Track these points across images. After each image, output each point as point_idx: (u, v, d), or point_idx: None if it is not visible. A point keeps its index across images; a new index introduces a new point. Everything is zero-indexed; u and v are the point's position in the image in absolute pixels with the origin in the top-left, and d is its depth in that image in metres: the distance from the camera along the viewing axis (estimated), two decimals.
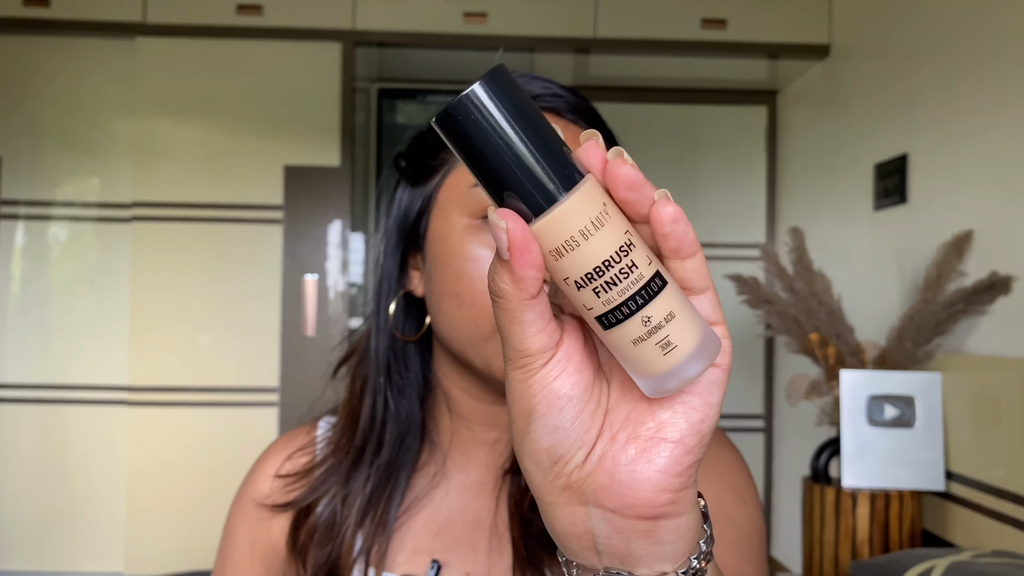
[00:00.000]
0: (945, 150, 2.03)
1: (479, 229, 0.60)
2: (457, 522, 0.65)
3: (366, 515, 0.64)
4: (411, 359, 0.68)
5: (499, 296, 0.34)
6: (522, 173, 0.33)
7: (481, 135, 0.32)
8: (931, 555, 1.49)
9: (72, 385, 2.81)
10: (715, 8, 2.76)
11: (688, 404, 0.36)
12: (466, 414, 0.66)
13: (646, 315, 0.34)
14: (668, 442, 0.36)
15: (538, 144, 0.33)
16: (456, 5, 2.72)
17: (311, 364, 2.73)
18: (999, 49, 1.83)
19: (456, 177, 0.62)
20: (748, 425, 3.21)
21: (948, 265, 1.86)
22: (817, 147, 2.85)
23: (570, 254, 0.33)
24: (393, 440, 0.66)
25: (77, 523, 2.78)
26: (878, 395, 1.88)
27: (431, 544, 0.64)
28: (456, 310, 0.61)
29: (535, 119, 0.33)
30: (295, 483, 0.68)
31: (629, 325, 0.34)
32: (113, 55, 2.79)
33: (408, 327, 0.68)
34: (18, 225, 2.81)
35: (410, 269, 0.68)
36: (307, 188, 2.73)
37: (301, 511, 0.66)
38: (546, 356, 0.35)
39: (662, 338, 0.34)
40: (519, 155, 0.32)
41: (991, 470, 1.75)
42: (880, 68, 2.38)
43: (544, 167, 0.33)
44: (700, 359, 0.35)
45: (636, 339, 0.34)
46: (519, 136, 0.32)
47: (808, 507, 1.94)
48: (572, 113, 0.63)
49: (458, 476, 0.66)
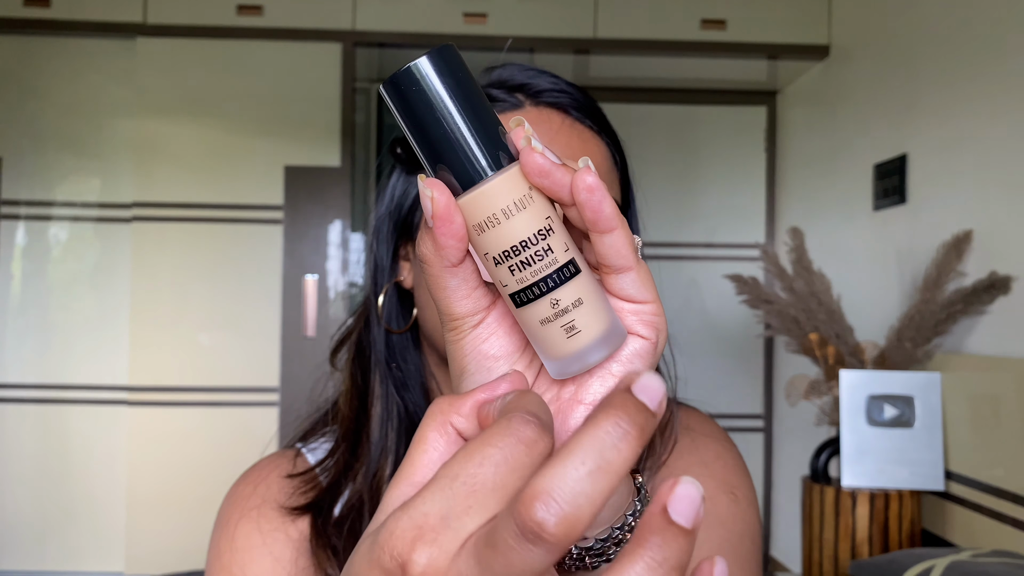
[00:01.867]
0: (944, 150, 2.04)
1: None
2: None
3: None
4: (409, 351, 0.67)
5: (424, 262, 0.36)
6: (456, 147, 0.34)
7: (422, 106, 0.34)
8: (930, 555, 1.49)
9: (72, 385, 2.81)
10: (715, 9, 2.76)
11: (609, 371, 0.37)
12: None
13: (555, 298, 0.35)
14: (582, 404, 0.37)
15: (474, 122, 0.34)
16: (456, 5, 2.73)
17: (311, 364, 2.73)
18: (998, 50, 1.84)
19: None
20: (748, 425, 3.21)
21: (947, 265, 1.86)
22: (816, 147, 2.86)
23: (491, 230, 0.34)
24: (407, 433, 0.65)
25: (77, 523, 2.79)
26: (877, 395, 1.88)
27: None
28: None
29: (476, 100, 0.34)
30: (308, 484, 0.65)
31: (539, 306, 0.35)
32: (114, 55, 2.79)
33: (400, 319, 0.67)
34: (19, 225, 2.82)
35: (401, 260, 0.67)
36: (307, 188, 2.74)
37: (322, 511, 0.64)
38: (475, 320, 0.37)
39: (567, 322, 0.35)
40: (455, 130, 0.34)
41: (990, 470, 1.76)
42: (879, 69, 2.38)
43: (477, 145, 0.34)
44: (603, 347, 0.36)
45: (543, 319, 0.35)
46: (458, 112, 0.34)
47: (808, 507, 1.94)
48: (577, 110, 0.63)
49: None
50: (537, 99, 0.63)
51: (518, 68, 0.65)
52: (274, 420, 2.70)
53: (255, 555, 0.64)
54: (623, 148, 0.67)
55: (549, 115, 0.62)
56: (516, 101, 0.63)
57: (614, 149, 0.65)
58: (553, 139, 0.60)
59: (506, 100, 0.63)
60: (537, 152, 0.34)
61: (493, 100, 0.63)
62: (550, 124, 0.61)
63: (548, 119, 0.61)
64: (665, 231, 3.25)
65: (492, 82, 0.65)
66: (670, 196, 3.24)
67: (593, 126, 0.63)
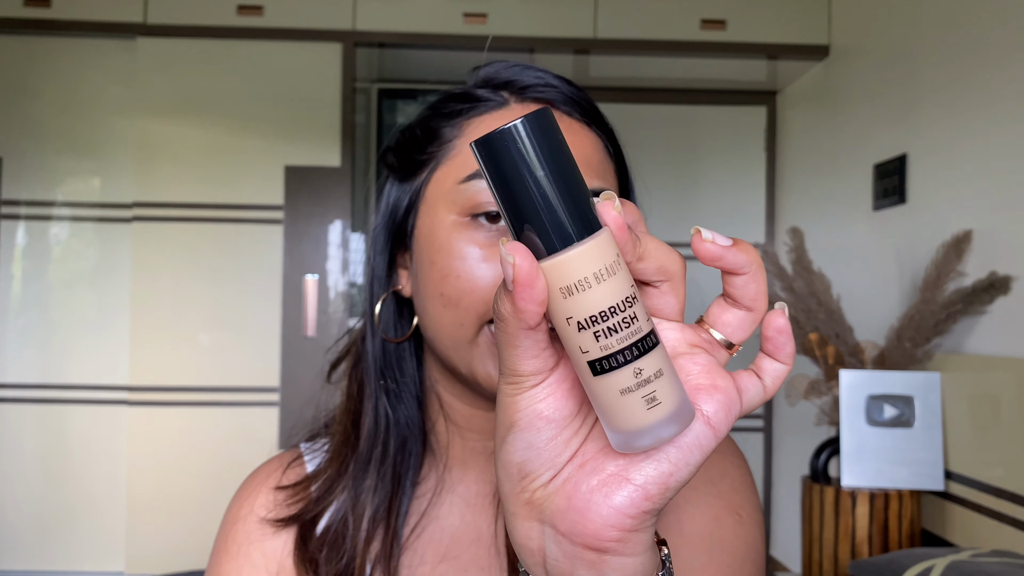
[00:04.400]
0: (944, 150, 2.04)
1: (467, 226, 0.58)
2: (461, 541, 0.63)
3: (376, 526, 0.62)
4: (405, 362, 0.66)
5: (500, 319, 0.36)
6: (546, 211, 0.34)
7: (514, 168, 0.34)
8: (930, 554, 1.49)
9: (73, 385, 2.81)
10: (715, 9, 2.76)
11: (664, 453, 0.37)
12: (461, 421, 0.65)
13: (638, 367, 0.35)
14: (630, 483, 0.37)
15: (567, 187, 0.34)
16: (456, 6, 2.73)
17: (311, 364, 2.73)
18: (998, 50, 1.84)
19: (444, 172, 0.60)
20: (748, 425, 3.21)
21: (947, 265, 1.86)
22: (816, 147, 2.86)
23: (579, 295, 0.34)
24: (396, 446, 0.64)
25: (78, 522, 2.79)
26: (877, 395, 1.88)
27: (437, 570, 0.62)
28: (441, 311, 0.59)
29: (568, 165, 0.35)
30: (296, 496, 0.65)
31: (621, 374, 0.35)
32: (114, 55, 2.80)
33: (399, 328, 0.66)
34: (19, 225, 2.82)
35: (399, 268, 0.66)
36: (308, 188, 2.74)
37: (307, 523, 0.64)
38: (537, 379, 0.37)
39: (649, 392, 0.35)
40: (547, 194, 0.34)
41: (990, 470, 1.76)
42: (879, 69, 2.38)
43: (568, 209, 0.34)
44: (676, 422, 0.36)
45: (624, 389, 0.35)
46: (549, 177, 0.34)
47: (807, 507, 1.94)
48: (566, 104, 0.62)
49: (458, 489, 0.65)
50: (523, 95, 0.62)
51: (504, 65, 0.64)
52: (274, 420, 2.70)
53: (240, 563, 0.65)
54: (618, 138, 0.66)
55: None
56: (501, 99, 0.62)
57: (607, 140, 0.64)
58: None
59: (491, 99, 0.62)
60: (709, 242, 0.37)
61: (478, 100, 0.62)
62: None
63: None
64: (665, 231, 3.25)
65: (478, 81, 0.64)
66: (670, 196, 3.25)
67: (582, 118, 0.62)
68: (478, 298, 0.57)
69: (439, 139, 0.62)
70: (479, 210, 0.58)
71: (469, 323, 0.58)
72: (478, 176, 0.58)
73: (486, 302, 0.57)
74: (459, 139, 0.61)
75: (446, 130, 0.62)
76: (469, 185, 0.59)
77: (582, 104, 0.63)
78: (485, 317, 0.57)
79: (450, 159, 0.61)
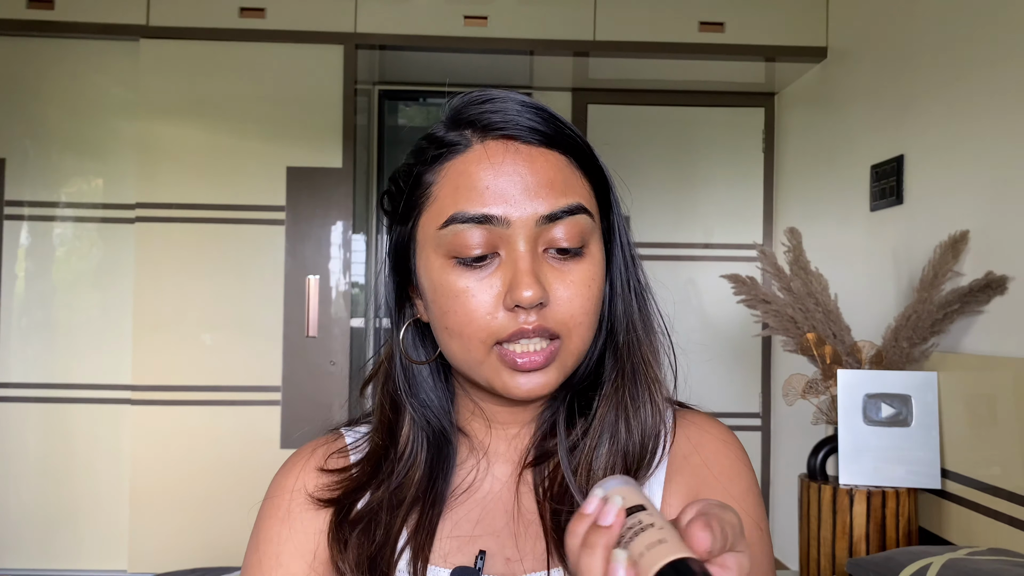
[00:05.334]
0: (941, 151, 2.05)
1: (454, 267, 0.63)
2: (493, 511, 0.69)
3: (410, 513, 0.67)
4: (433, 378, 0.72)
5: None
6: None
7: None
8: (927, 553, 1.51)
9: (76, 384, 2.82)
10: (713, 11, 2.78)
11: None
12: (489, 415, 0.71)
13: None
14: None
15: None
16: (457, 8, 2.74)
17: (313, 364, 2.75)
18: (994, 52, 1.85)
19: (427, 218, 0.64)
20: (746, 424, 3.23)
21: (944, 265, 1.88)
22: (814, 148, 2.88)
23: None
24: (429, 451, 0.70)
25: (81, 521, 2.80)
26: (874, 394, 1.90)
27: (474, 532, 0.68)
28: (449, 340, 0.65)
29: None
30: (338, 483, 0.70)
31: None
32: (117, 57, 2.81)
33: (425, 351, 0.72)
34: (23, 226, 2.83)
35: (414, 297, 0.71)
36: (309, 189, 2.75)
37: (345, 508, 0.69)
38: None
39: None
40: None
41: (987, 468, 1.77)
42: (876, 71, 2.40)
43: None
44: None
45: None
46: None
47: (805, 505, 1.96)
48: (527, 136, 0.64)
49: (492, 469, 0.71)
50: (484, 135, 0.65)
51: (468, 100, 0.67)
52: (276, 419, 2.71)
53: (292, 527, 0.70)
54: (590, 149, 0.68)
55: (495, 148, 0.64)
56: (465, 141, 0.65)
57: (574, 155, 0.66)
58: (498, 172, 0.63)
59: (458, 143, 0.65)
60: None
61: (446, 144, 0.65)
62: (497, 158, 0.64)
63: (495, 152, 0.64)
64: (663, 231, 3.27)
65: (447, 116, 0.67)
66: (668, 197, 3.26)
67: (543, 143, 0.64)
68: (477, 328, 0.62)
69: (420, 185, 0.66)
70: (459, 255, 0.62)
71: (475, 348, 0.63)
72: (453, 221, 0.62)
73: (486, 329, 0.62)
74: (434, 185, 0.65)
75: (424, 176, 0.66)
76: (447, 231, 0.62)
77: (541, 130, 0.65)
78: (489, 341, 0.62)
79: (430, 205, 0.65)
